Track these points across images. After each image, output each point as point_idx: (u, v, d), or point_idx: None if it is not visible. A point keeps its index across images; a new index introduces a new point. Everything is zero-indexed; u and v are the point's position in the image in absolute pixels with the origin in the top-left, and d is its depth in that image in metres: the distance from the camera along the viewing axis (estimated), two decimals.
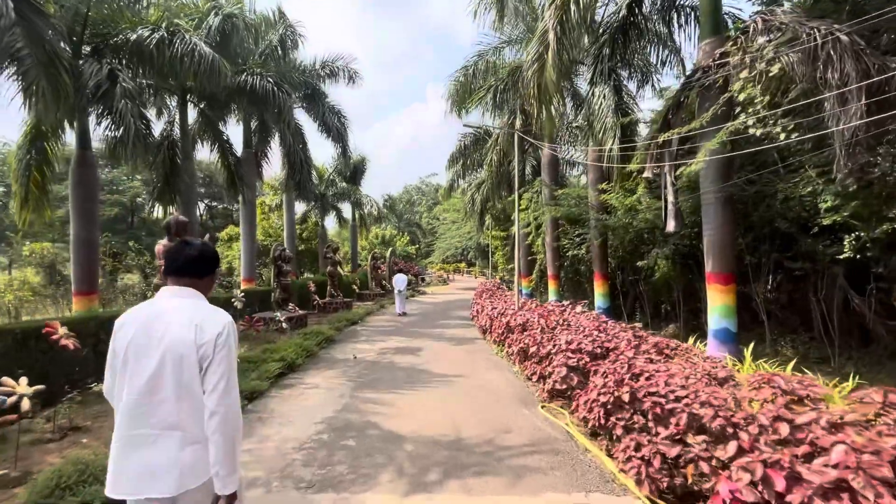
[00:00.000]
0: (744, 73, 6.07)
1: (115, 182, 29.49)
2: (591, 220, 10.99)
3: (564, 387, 5.40)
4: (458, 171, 20.34)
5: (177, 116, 13.81)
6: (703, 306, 10.18)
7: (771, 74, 5.74)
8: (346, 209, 30.20)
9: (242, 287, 16.07)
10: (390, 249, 28.02)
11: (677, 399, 3.43)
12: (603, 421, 4.11)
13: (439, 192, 63.16)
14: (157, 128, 13.61)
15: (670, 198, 7.60)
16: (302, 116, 22.76)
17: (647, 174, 8.03)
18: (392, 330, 12.53)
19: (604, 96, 9.45)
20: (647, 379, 4.00)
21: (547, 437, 4.69)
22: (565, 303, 9.49)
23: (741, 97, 6.04)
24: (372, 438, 4.60)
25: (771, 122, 5.79)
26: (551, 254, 14.49)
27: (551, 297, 14.62)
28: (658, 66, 11.84)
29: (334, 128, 22.91)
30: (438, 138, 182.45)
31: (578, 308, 8.61)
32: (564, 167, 19.96)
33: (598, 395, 4.22)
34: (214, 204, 39.80)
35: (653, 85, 12.84)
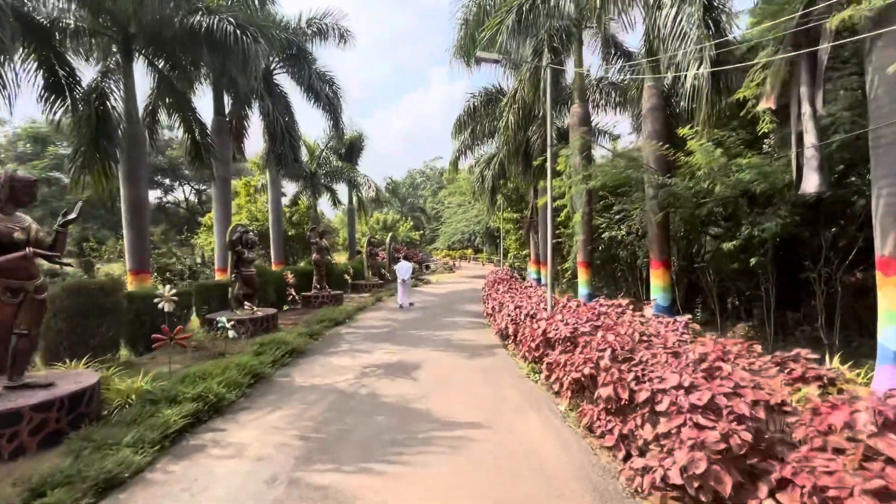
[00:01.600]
0: None
1: None
2: (649, 189, 8.17)
3: (697, 486, 2.70)
4: (465, 141, 17.41)
5: (112, 64, 11.07)
6: (813, 301, 7.39)
7: None
8: (343, 191, 27.46)
9: (217, 277, 13.49)
10: (390, 234, 25.32)
11: None
12: None
13: (444, 175, 60.15)
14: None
15: (811, 139, 4.78)
16: (287, 83, 19.99)
17: (764, 104, 5.20)
18: (385, 333, 9.87)
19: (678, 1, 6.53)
20: None
21: None
22: (623, 301, 6.74)
23: None
24: None
25: None
26: (585, 235, 11.73)
27: (582, 289, 11.89)
28: None
29: (324, 96, 20.13)
30: (439, 131, 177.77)
31: (648, 311, 5.85)
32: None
33: None
34: (203, 188, 37.30)
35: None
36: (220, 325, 6.93)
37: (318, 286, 14.07)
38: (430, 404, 5.12)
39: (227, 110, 16.39)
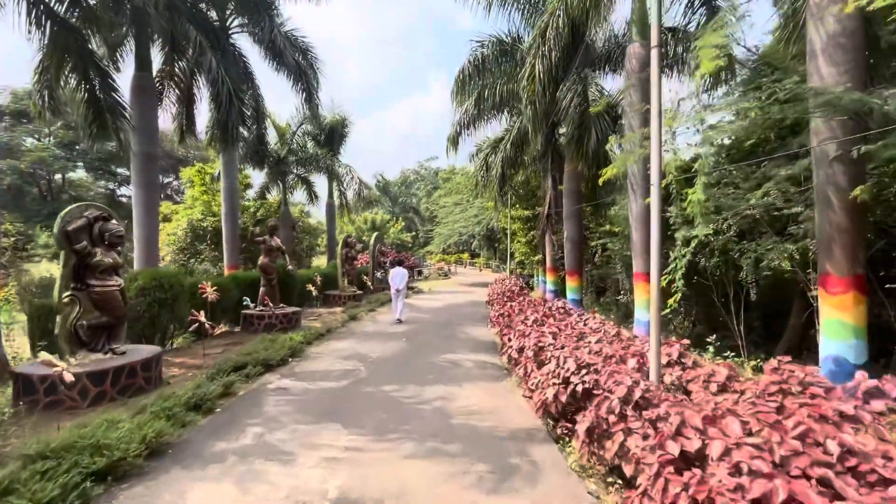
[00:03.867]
0: None
1: (7, 143, 22.63)
2: (824, 146, 4.32)
3: None
4: (469, 111, 13.47)
5: None
6: None
7: None
8: (322, 184, 23.38)
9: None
10: (375, 235, 21.32)
11: None
12: None
13: (439, 174, 56.04)
14: None
15: None
16: (255, 53, 16.07)
17: None
18: (340, 392, 5.90)
19: None
20: None
21: None
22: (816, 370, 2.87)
23: None
24: None
25: None
26: (641, 233, 8.05)
27: (639, 313, 8.08)
28: None
29: (293, 60, 16.23)
30: (435, 137, 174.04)
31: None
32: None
33: None
34: (170, 179, 33.33)
35: None
36: None
37: (263, 302, 10.06)
38: None
39: (150, 65, 12.31)
